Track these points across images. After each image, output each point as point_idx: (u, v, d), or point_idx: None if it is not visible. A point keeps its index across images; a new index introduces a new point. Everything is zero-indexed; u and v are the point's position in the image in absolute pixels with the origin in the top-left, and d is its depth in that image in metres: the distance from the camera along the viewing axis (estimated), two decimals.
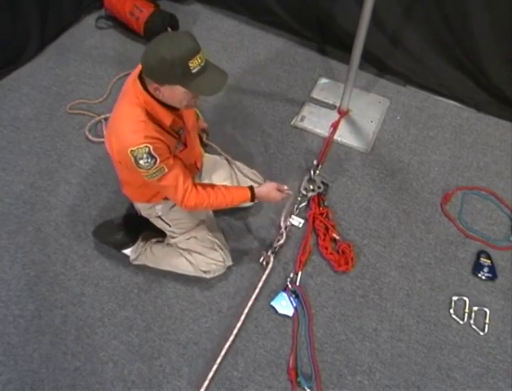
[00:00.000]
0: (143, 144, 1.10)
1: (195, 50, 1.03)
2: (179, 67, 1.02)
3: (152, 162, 1.12)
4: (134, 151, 1.10)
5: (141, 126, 1.11)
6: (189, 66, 1.02)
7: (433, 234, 1.69)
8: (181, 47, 1.01)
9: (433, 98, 2.11)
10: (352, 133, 1.98)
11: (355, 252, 1.62)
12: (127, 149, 1.11)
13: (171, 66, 1.02)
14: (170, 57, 1.01)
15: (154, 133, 1.13)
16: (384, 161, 1.89)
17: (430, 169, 1.87)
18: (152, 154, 1.11)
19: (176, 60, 1.01)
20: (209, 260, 1.46)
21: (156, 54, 1.02)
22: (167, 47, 1.01)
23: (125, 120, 1.13)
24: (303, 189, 1.76)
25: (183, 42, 1.02)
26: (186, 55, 1.02)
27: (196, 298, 1.53)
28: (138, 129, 1.11)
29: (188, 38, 1.04)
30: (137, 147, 1.10)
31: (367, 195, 1.79)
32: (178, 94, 1.09)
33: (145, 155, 1.11)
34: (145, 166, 1.13)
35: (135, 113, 1.12)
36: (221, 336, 1.44)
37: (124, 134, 1.12)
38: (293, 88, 2.15)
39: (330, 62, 2.27)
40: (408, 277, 1.59)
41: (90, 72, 2.21)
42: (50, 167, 1.86)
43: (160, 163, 1.14)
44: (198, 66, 1.04)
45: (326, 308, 1.51)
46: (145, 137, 1.11)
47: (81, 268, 1.59)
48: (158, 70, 1.04)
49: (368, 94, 2.12)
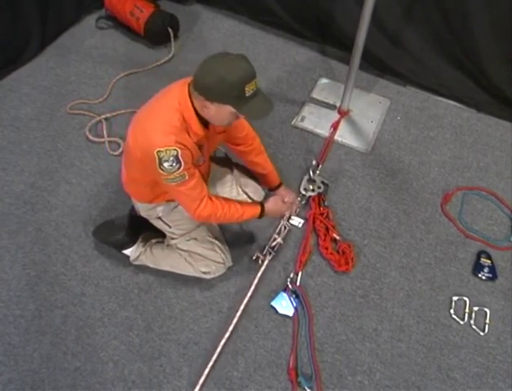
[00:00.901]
0: (173, 147, 1.11)
1: (252, 74, 1.06)
2: (237, 89, 1.05)
3: (176, 166, 1.14)
4: (161, 152, 1.11)
5: (173, 130, 1.13)
6: (245, 89, 1.05)
7: (433, 234, 1.69)
8: (241, 70, 1.05)
9: (433, 99, 2.12)
10: (352, 133, 1.98)
11: (356, 253, 1.62)
12: (154, 149, 1.12)
13: (230, 87, 1.04)
14: (230, 78, 1.03)
15: (184, 141, 1.15)
16: (384, 161, 1.89)
17: (431, 170, 1.87)
18: (179, 158, 1.13)
19: (235, 82, 1.04)
20: (209, 261, 1.46)
21: (214, 74, 1.04)
22: (227, 68, 1.04)
23: (159, 120, 1.14)
24: (303, 189, 1.76)
25: (243, 65, 1.05)
26: (244, 78, 1.05)
27: (197, 298, 1.53)
28: (170, 132, 1.13)
29: (246, 62, 1.07)
30: (166, 148, 1.11)
31: (367, 196, 1.79)
32: (225, 113, 1.12)
33: (172, 158, 1.12)
34: (168, 169, 1.14)
35: (172, 117, 1.13)
36: (221, 336, 1.44)
37: (154, 133, 1.13)
38: (294, 88, 2.15)
39: (330, 62, 2.27)
40: (409, 277, 1.59)
41: (91, 72, 2.21)
42: (50, 167, 1.87)
43: (183, 170, 1.15)
44: (252, 90, 1.07)
45: (326, 308, 1.52)
46: (176, 141, 1.12)
47: (82, 268, 1.59)
48: (215, 89, 1.06)
49: (368, 95, 2.13)
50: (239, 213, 1.33)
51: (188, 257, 1.47)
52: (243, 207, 1.34)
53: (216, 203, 1.28)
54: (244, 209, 1.34)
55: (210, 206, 1.26)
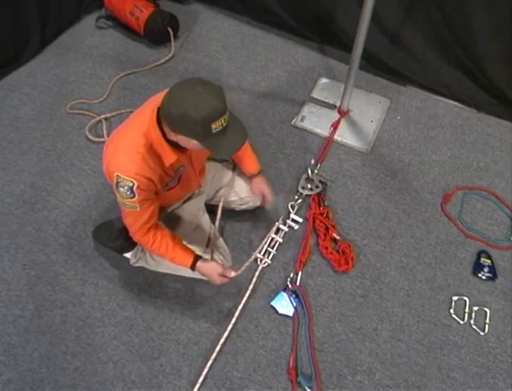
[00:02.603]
0: (130, 179, 1.09)
1: (221, 111, 1.00)
2: (201, 126, 0.99)
3: (129, 195, 1.12)
4: (119, 177, 1.10)
5: (137, 158, 1.09)
6: (211, 127, 1.00)
7: (433, 234, 1.69)
8: (208, 107, 0.98)
9: (433, 98, 2.11)
10: (352, 133, 1.98)
11: (356, 252, 1.61)
12: (115, 171, 1.10)
13: (193, 124, 0.99)
14: (194, 115, 0.97)
15: (146, 172, 1.11)
16: (384, 161, 1.89)
17: (431, 169, 1.87)
18: (134, 191, 1.11)
19: (199, 120, 0.98)
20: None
21: (180, 107, 0.98)
22: (194, 104, 0.97)
23: (126, 143, 1.12)
24: (301, 188, 1.75)
25: (211, 102, 0.99)
26: (211, 117, 0.99)
27: (196, 298, 1.53)
28: (131, 160, 1.09)
29: (217, 97, 1.00)
30: (124, 176, 1.09)
31: (367, 195, 1.78)
32: (194, 144, 1.07)
33: (127, 188, 1.10)
34: (122, 194, 1.13)
35: (138, 143, 1.10)
36: (221, 336, 1.44)
37: (118, 156, 1.11)
38: (294, 88, 2.15)
39: (330, 62, 2.26)
40: (409, 277, 1.58)
41: (91, 71, 2.21)
42: (50, 167, 1.86)
43: (136, 201, 1.14)
44: (220, 127, 1.02)
45: (326, 308, 1.51)
46: (136, 173, 1.09)
47: (81, 268, 1.59)
48: (178, 122, 1.01)
49: (368, 94, 2.12)
50: (168, 255, 1.28)
51: None
52: (175, 251, 1.28)
53: (155, 239, 1.25)
54: (174, 255, 1.28)
55: (147, 239, 1.24)
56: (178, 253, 1.29)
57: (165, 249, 1.27)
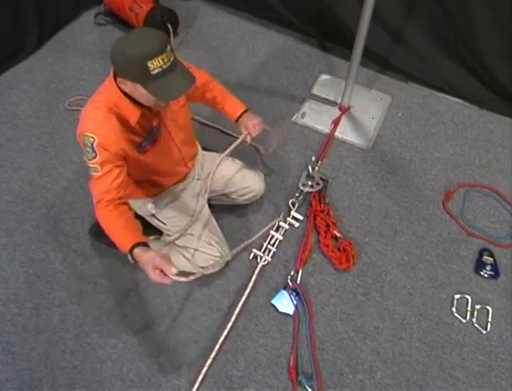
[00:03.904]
0: (92, 134, 1.09)
1: (158, 50, 0.99)
2: (137, 66, 1.00)
3: (92, 155, 1.11)
4: (84, 136, 1.10)
5: (100, 116, 1.11)
6: (148, 66, 1.00)
7: (435, 231, 1.68)
8: (143, 45, 0.99)
9: (435, 95, 2.10)
10: (353, 129, 1.97)
11: (357, 250, 1.61)
12: (82, 132, 1.11)
13: (130, 63, 1.01)
14: (130, 53, 0.99)
15: (109, 129, 1.11)
16: (385, 158, 1.88)
17: (432, 167, 1.86)
18: (94, 148, 1.10)
19: (134, 58, 0.99)
20: (207, 255, 1.44)
21: (119, 48, 1.02)
22: (131, 43, 1.00)
23: (90, 105, 1.14)
24: (301, 185, 1.75)
25: (148, 41, 1.00)
26: (146, 55, 0.99)
27: (196, 296, 1.52)
28: (93, 118, 1.11)
29: (155, 37, 1.00)
30: (87, 133, 1.10)
31: (368, 193, 1.78)
32: (142, 94, 1.07)
33: (89, 145, 1.10)
34: (87, 154, 1.12)
35: (100, 102, 1.12)
36: (220, 334, 1.43)
37: (85, 118, 1.13)
38: (294, 84, 2.14)
39: (331, 58, 2.25)
40: (410, 275, 1.58)
41: (89, 68, 2.20)
42: (48, 164, 1.85)
43: (97, 162, 1.12)
44: (159, 68, 1.01)
45: (327, 306, 1.51)
46: (97, 129, 1.10)
47: (80, 266, 1.58)
48: (119, 64, 1.03)
49: (369, 91, 2.11)
50: (113, 235, 1.16)
51: (185, 253, 1.45)
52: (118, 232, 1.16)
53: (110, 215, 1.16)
54: (117, 236, 1.16)
55: (103, 214, 1.16)
56: (122, 235, 1.15)
57: (113, 229, 1.16)
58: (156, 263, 1.06)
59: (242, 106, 1.47)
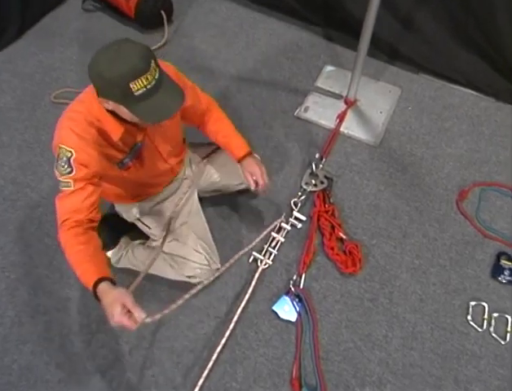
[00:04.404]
0: (70, 148, 1.06)
1: (140, 70, 0.96)
2: (118, 88, 0.96)
3: (66, 170, 1.07)
4: (60, 148, 1.07)
5: (79, 129, 1.07)
6: (130, 88, 0.96)
7: (448, 233, 1.67)
8: (123, 64, 0.94)
9: (448, 87, 2.10)
10: (360, 124, 1.97)
11: (364, 253, 1.60)
12: (57, 143, 1.08)
13: (109, 85, 0.96)
14: (109, 75, 0.95)
15: (88, 146, 1.08)
16: (394, 155, 1.88)
17: (445, 164, 1.85)
18: (71, 164, 1.06)
19: (114, 79, 0.95)
20: (193, 263, 1.43)
21: (95, 67, 0.98)
22: (108, 62, 0.95)
23: (68, 114, 1.10)
24: (304, 183, 1.75)
25: (128, 58, 0.95)
26: (127, 76, 0.95)
27: (192, 302, 1.51)
28: (72, 131, 1.07)
29: (136, 53, 0.96)
30: (64, 146, 1.06)
31: (376, 192, 1.78)
32: (125, 112, 1.04)
33: (65, 159, 1.06)
34: (60, 169, 1.08)
35: (79, 113, 1.08)
36: (218, 343, 1.42)
37: (62, 128, 1.09)
38: (297, 76, 2.14)
39: (336, 48, 2.25)
40: (421, 280, 1.57)
41: (77, 58, 2.19)
42: (33, 161, 1.84)
43: (71, 177, 1.08)
44: (143, 88, 0.97)
45: (332, 313, 1.50)
46: (76, 144, 1.06)
47: (67, 270, 1.54)
48: (97, 85, 1.00)
49: (377, 83, 2.11)
50: (76, 268, 1.09)
51: (171, 260, 1.45)
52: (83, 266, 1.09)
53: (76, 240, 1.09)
54: (81, 270, 1.09)
55: (68, 236, 1.10)
56: (89, 265, 1.08)
57: (77, 261, 1.09)
58: (127, 302, 0.99)
59: (247, 147, 1.44)
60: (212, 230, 1.55)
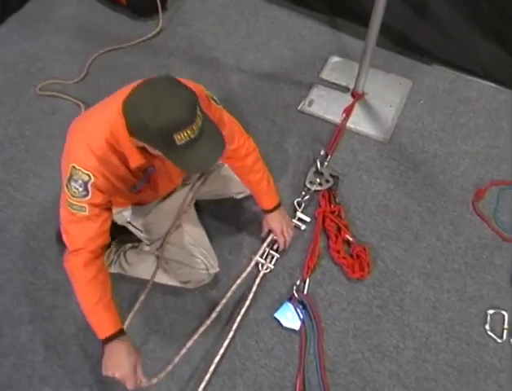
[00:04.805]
0: (88, 172, 1.05)
1: (185, 122, 0.94)
2: (161, 138, 0.95)
3: (81, 193, 1.07)
4: (75, 169, 1.05)
5: (98, 152, 1.05)
6: (174, 139, 0.95)
7: (463, 236, 1.67)
8: (168, 116, 0.93)
9: (464, 79, 2.09)
10: (368, 119, 1.96)
11: (372, 257, 1.60)
12: (71, 162, 1.06)
13: (151, 134, 0.95)
14: (152, 125, 0.93)
15: (107, 170, 1.08)
16: (405, 152, 1.87)
17: (460, 161, 1.85)
18: (88, 188, 1.06)
19: (157, 131, 0.94)
20: (189, 268, 1.43)
21: (136, 113, 0.95)
22: (151, 110, 0.93)
23: (89, 133, 1.06)
24: (309, 182, 1.74)
25: (173, 110, 0.93)
26: (172, 127, 0.94)
27: (188, 309, 1.51)
28: (92, 153, 1.05)
29: (182, 105, 0.94)
30: (80, 168, 1.05)
31: (385, 191, 1.77)
32: (158, 153, 1.03)
33: (80, 182, 1.06)
34: (73, 191, 1.07)
35: (102, 134, 1.05)
36: (216, 353, 1.41)
37: (79, 146, 1.06)
38: (300, 68, 2.13)
39: (343, 37, 2.24)
40: (434, 286, 1.56)
41: (65, 47, 2.18)
42: (16, 157, 1.84)
43: (86, 201, 1.08)
44: (186, 138, 0.96)
45: (338, 321, 1.49)
46: (95, 168, 1.06)
47: (54, 275, 1.56)
48: (136, 129, 0.97)
49: (386, 75, 2.10)
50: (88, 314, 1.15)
51: (165, 265, 1.45)
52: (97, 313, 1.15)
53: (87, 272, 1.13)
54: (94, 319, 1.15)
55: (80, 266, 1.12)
56: (99, 318, 1.15)
57: (90, 307, 1.14)
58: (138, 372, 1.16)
59: (276, 200, 1.48)
60: (210, 233, 1.55)
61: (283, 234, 1.50)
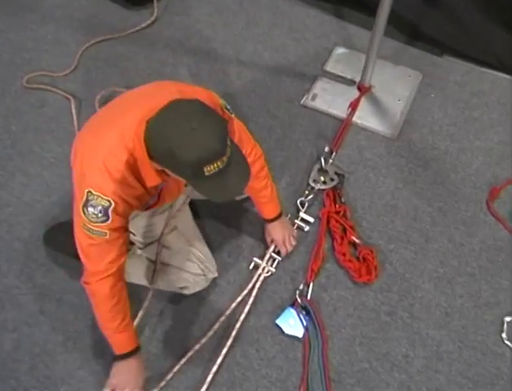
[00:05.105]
0: (107, 197, 1.05)
1: (217, 154, 0.94)
2: (190, 170, 0.95)
3: (100, 219, 1.07)
4: (92, 194, 1.05)
5: (116, 176, 1.05)
6: (203, 170, 0.95)
7: (477, 238, 1.66)
8: (200, 150, 0.92)
9: (477, 71, 2.09)
10: (375, 114, 1.97)
11: (380, 260, 1.59)
12: (86, 187, 1.05)
13: (180, 166, 0.95)
14: (182, 157, 0.92)
15: (126, 194, 1.08)
16: (414, 149, 1.87)
17: (473, 159, 1.84)
18: (108, 213, 1.07)
19: (188, 163, 0.93)
20: (185, 273, 1.42)
21: (166, 143, 0.94)
22: (182, 141, 0.92)
23: (102, 153, 1.05)
24: (312, 181, 1.74)
25: (206, 143, 0.93)
26: (203, 161, 0.93)
27: (184, 316, 1.49)
28: (109, 177, 1.05)
29: (214, 136, 0.94)
30: (99, 194, 1.05)
31: (393, 190, 1.77)
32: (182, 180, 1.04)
33: (100, 208, 1.06)
34: (90, 217, 1.07)
35: (119, 157, 1.04)
36: (213, 362, 1.39)
37: (92, 169, 1.06)
38: (303, 59, 2.14)
39: (349, 27, 2.25)
40: (446, 291, 1.56)
41: (53, 37, 2.18)
42: (1, 154, 1.84)
43: (107, 226, 1.09)
44: (216, 169, 0.96)
45: (344, 328, 1.49)
46: (113, 192, 1.06)
47: (41, 279, 1.55)
48: (163, 159, 0.97)
49: (395, 67, 2.11)
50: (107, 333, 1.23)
51: (159, 270, 1.44)
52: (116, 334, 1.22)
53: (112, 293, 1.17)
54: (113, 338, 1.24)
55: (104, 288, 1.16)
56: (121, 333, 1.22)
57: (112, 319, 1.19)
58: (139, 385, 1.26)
59: (278, 209, 1.52)
60: (207, 235, 1.55)
61: (285, 244, 1.54)
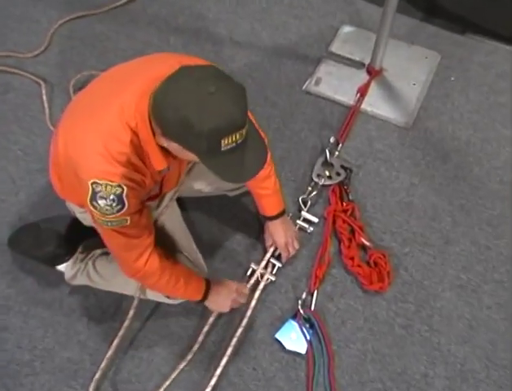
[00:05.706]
0: (117, 183, 1.04)
1: (238, 124, 0.93)
2: (206, 142, 0.93)
3: (116, 208, 1.07)
4: (98, 185, 1.03)
5: (122, 159, 1.04)
6: (220, 143, 0.93)
7: (504, 239, 1.64)
8: (220, 117, 0.90)
9: (503, 50, 2.07)
10: (387, 100, 1.96)
11: (393, 265, 1.58)
12: (89, 178, 1.03)
13: (196, 137, 0.92)
14: (199, 126, 0.90)
15: (134, 175, 1.08)
16: (432, 139, 1.86)
17: (500, 150, 1.83)
18: (123, 199, 1.07)
19: (205, 133, 0.91)
20: None
21: (179, 111, 0.91)
22: (200, 110, 0.90)
23: (102, 137, 1.04)
24: (316, 175, 1.74)
25: (226, 109, 0.91)
26: (222, 131, 0.92)
27: (172, 329, 1.48)
28: (116, 161, 1.04)
29: (235, 103, 0.93)
30: (106, 182, 1.03)
31: (408, 186, 1.75)
32: (190, 156, 1.01)
33: (112, 197, 1.05)
34: (104, 209, 1.06)
35: (122, 139, 1.04)
36: (205, 383, 1.37)
37: (92, 156, 1.04)
38: (306, 39, 2.13)
39: (356, 2, 2.23)
40: (470, 301, 1.53)
41: (21, 13, 2.18)
42: None
43: (125, 213, 1.09)
44: (233, 143, 0.94)
45: (353, 343, 1.47)
46: (122, 176, 1.05)
47: (6, 289, 1.54)
48: (175, 130, 0.95)
49: (409, 47, 2.10)
50: (179, 288, 1.31)
51: None
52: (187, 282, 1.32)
53: (163, 264, 1.25)
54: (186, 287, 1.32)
55: (155, 263, 1.23)
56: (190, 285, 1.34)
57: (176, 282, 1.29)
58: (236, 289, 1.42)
59: (281, 205, 1.53)
60: (198, 237, 1.52)
61: (287, 247, 1.53)
